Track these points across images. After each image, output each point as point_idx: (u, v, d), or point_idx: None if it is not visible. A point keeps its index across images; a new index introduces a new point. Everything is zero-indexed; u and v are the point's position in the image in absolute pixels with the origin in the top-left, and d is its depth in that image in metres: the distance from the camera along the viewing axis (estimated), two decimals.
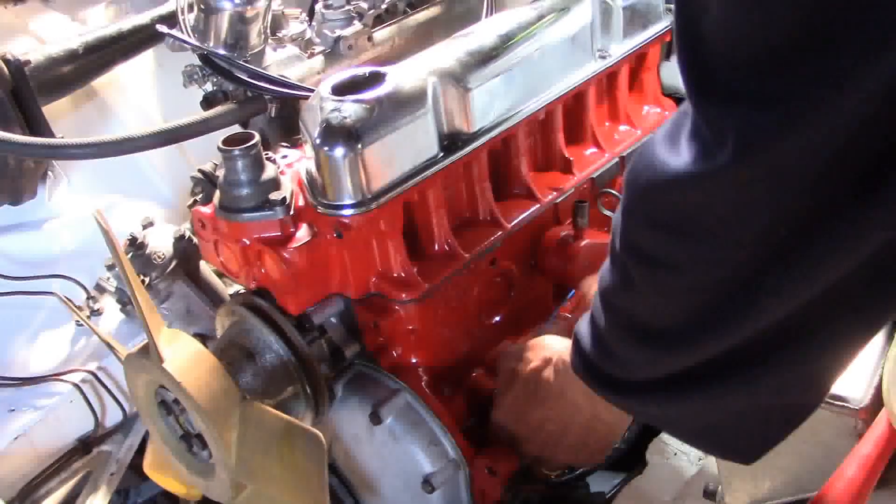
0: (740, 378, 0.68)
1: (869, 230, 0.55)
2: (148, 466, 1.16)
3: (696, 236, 0.61)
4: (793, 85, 0.50)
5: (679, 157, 0.58)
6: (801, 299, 0.61)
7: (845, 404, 0.90)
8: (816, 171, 0.53)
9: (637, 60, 1.35)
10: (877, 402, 0.89)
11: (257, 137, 0.99)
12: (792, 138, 0.52)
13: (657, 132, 0.63)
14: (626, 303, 0.73)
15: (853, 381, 0.90)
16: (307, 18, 1.38)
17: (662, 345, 0.69)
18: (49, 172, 1.48)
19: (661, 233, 0.64)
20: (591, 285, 1.12)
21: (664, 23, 1.34)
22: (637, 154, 0.66)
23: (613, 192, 1.28)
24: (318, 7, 1.34)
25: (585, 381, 0.83)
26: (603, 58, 1.25)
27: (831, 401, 0.89)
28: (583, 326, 0.82)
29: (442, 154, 1.05)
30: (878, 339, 0.93)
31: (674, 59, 1.62)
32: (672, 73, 1.62)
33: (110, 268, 1.39)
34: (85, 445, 1.40)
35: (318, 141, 0.97)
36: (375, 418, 1.04)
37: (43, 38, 1.59)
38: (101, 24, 1.62)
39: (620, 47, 1.27)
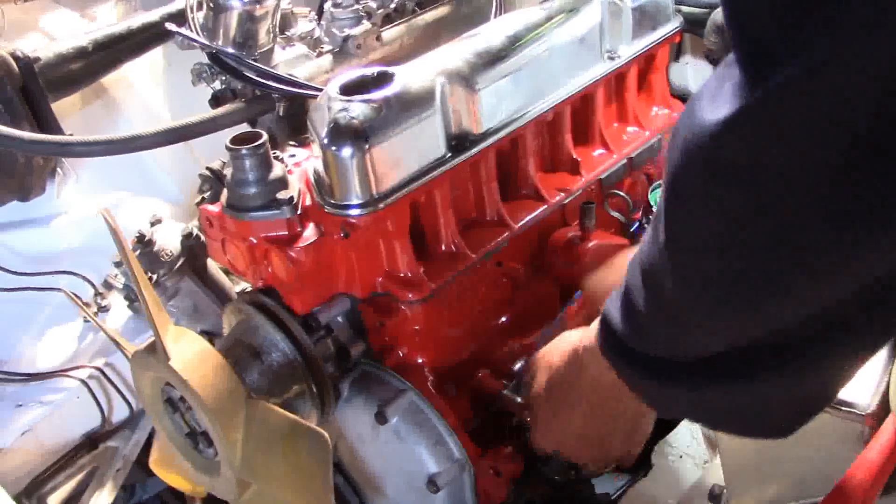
0: (773, 370, 0.65)
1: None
2: (154, 463, 1.17)
3: (733, 194, 0.58)
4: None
5: (719, 109, 0.55)
6: (832, 288, 0.58)
7: (852, 410, 0.89)
8: (856, 115, 0.49)
9: (646, 62, 1.35)
10: (883, 408, 0.89)
11: (265, 136, 1.00)
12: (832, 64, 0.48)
13: (700, 90, 0.60)
14: (662, 274, 0.69)
15: (859, 386, 0.89)
16: (316, 17, 1.38)
17: (695, 321, 0.67)
18: (58, 169, 1.48)
19: (700, 195, 0.60)
20: (597, 283, 1.12)
21: (673, 24, 1.33)
22: (681, 115, 0.62)
23: (621, 193, 1.28)
24: (327, 6, 1.34)
25: (613, 360, 0.80)
26: (612, 59, 1.25)
27: (838, 406, 0.89)
28: (613, 306, 0.78)
29: (449, 154, 1.05)
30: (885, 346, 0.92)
31: (682, 61, 1.62)
32: (681, 75, 1.62)
33: (118, 265, 1.40)
34: (91, 441, 1.41)
35: (325, 140, 0.97)
36: (381, 418, 1.04)
37: (52, 35, 1.60)
38: (111, 21, 1.63)
39: (629, 48, 1.27)
